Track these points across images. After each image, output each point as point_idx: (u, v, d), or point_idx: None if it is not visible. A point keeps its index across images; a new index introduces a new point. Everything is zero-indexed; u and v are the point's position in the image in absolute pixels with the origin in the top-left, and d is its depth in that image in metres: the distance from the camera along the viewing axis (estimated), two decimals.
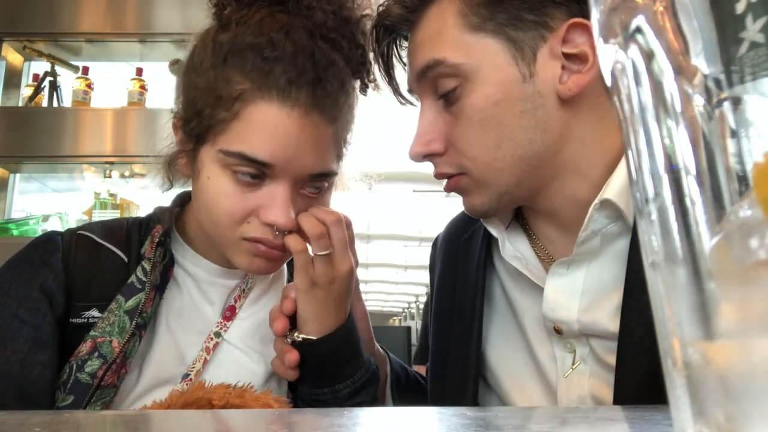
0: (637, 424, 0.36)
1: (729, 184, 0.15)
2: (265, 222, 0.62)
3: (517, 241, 0.68)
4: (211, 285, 0.73)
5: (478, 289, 0.69)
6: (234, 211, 0.62)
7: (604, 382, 0.59)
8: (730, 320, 0.15)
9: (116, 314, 0.65)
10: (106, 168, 2.31)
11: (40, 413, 0.37)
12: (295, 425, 0.34)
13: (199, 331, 0.70)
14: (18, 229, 2.08)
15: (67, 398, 0.61)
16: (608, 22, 0.18)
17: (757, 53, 0.14)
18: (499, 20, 0.57)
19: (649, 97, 0.17)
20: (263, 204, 0.62)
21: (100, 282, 0.67)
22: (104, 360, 0.62)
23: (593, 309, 0.60)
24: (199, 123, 0.62)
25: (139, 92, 2.30)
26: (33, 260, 0.67)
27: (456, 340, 0.70)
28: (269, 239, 0.63)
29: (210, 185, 0.63)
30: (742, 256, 0.14)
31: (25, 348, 0.62)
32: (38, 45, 2.33)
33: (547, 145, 0.58)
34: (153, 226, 0.72)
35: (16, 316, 0.63)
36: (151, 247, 0.69)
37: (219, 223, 0.64)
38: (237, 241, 0.64)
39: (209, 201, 0.64)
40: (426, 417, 0.40)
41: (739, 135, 0.15)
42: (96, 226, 0.73)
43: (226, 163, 0.61)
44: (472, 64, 0.57)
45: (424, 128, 0.62)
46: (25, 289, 0.64)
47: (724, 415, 0.14)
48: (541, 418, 0.39)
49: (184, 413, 0.54)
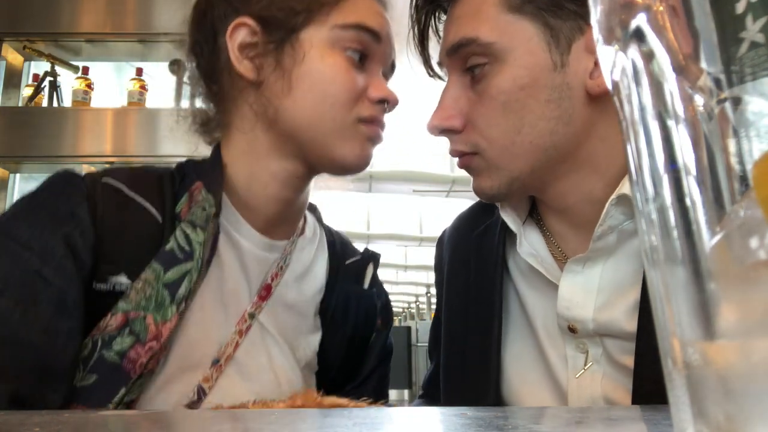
0: (637, 424, 0.36)
1: (729, 184, 0.15)
2: (378, 98, 0.65)
3: (532, 238, 0.67)
4: (253, 258, 0.66)
5: (497, 287, 0.67)
6: (352, 86, 0.63)
7: (617, 384, 0.58)
8: (730, 320, 0.15)
9: (153, 286, 0.57)
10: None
11: (40, 413, 0.37)
12: (296, 425, 0.34)
13: (233, 310, 0.64)
14: None
15: (89, 377, 0.54)
16: (608, 22, 0.18)
17: (757, 53, 0.14)
18: (539, 4, 0.56)
19: (649, 97, 0.17)
20: (370, 83, 0.65)
21: (131, 243, 0.59)
22: (137, 338, 0.55)
23: (609, 307, 0.59)
24: (295, 10, 0.63)
25: (139, 92, 2.30)
26: (55, 207, 0.57)
27: (473, 339, 0.69)
28: (381, 117, 0.66)
29: (324, 63, 0.63)
30: (742, 256, 0.14)
31: (48, 313, 0.53)
32: (38, 45, 2.33)
33: (568, 139, 0.57)
34: (190, 182, 0.64)
35: (39, 275, 0.53)
36: (189, 208, 0.62)
37: (336, 103, 0.62)
38: (352, 123, 0.64)
39: (326, 79, 0.62)
40: (426, 417, 0.40)
41: (739, 135, 0.15)
42: (122, 174, 0.63)
43: (340, 39, 0.63)
44: (504, 44, 0.57)
45: (445, 103, 0.62)
46: (47, 242, 0.55)
47: (724, 415, 0.14)
48: (541, 418, 0.39)
49: (181, 413, 0.54)
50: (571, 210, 0.63)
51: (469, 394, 0.68)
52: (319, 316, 0.74)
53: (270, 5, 0.63)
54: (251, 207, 0.67)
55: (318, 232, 0.78)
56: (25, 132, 2.19)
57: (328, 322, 0.74)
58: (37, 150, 2.20)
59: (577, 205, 0.62)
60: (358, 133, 0.64)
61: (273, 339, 0.67)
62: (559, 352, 0.64)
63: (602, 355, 0.60)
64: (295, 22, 0.63)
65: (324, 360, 0.74)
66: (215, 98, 0.69)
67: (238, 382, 0.63)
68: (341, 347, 0.75)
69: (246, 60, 0.64)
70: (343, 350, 0.75)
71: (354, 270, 0.78)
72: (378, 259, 0.81)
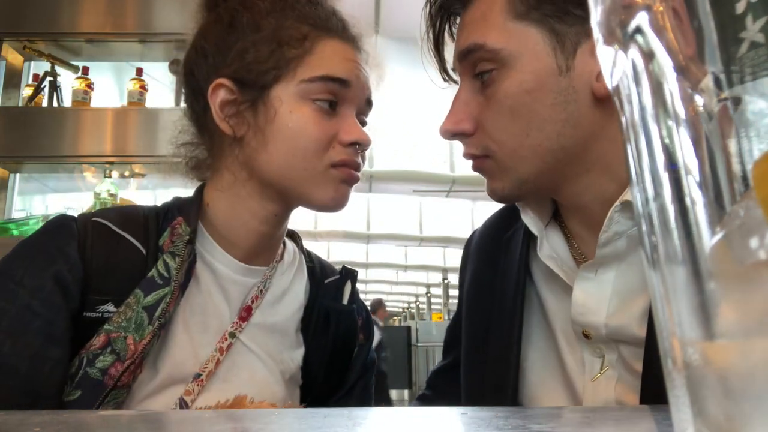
0: (638, 423, 0.36)
1: (729, 184, 0.15)
2: (349, 142, 0.68)
3: (555, 240, 0.68)
4: (231, 282, 0.72)
5: (519, 289, 0.68)
6: (321, 136, 0.67)
7: (631, 389, 0.59)
8: (730, 320, 0.15)
9: (134, 309, 0.63)
10: (106, 168, 2.31)
11: (40, 413, 0.37)
12: (295, 425, 0.34)
13: (214, 330, 0.69)
14: (18, 229, 2.08)
15: (74, 393, 0.60)
16: (608, 22, 0.18)
17: (757, 53, 0.14)
18: (545, 11, 0.57)
19: (649, 97, 0.17)
20: (341, 128, 0.68)
21: (118, 275, 0.65)
22: (117, 356, 0.60)
23: (621, 313, 0.59)
24: (263, 69, 0.67)
25: (139, 92, 2.30)
26: (47, 248, 0.64)
27: (493, 341, 0.70)
28: (354, 159, 0.69)
29: (293, 117, 0.67)
30: (742, 256, 0.14)
31: (36, 343, 0.58)
32: (38, 45, 2.33)
33: (576, 141, 0.58)
34: (172, 217, 0.70)
35: (29, 308, 0.59)
36: (171, 241, 0.68)
37: (306, 153, 0.66)
38: (324, 170, 0.67)
39: (295, 133, 0.66)
40: (426, 417, 0.40)
41: (739, 135, 0.15)
42: (111, 213, 0.70)
43: (307, 92, 0.67)
44: (511, 50, 0.58)
45: (457, 107, 0.63)
46: (38, 279, 0.61)
47: (724, 415, 0.14)
48: (541, 417, 0.39)
49: (180, 414, 0.54)
50: (586, 210, 0.63)
51: (488, 395, 0.69)
52: (301, 333, 0.79)
53: (242, 66, 0.68)
54: (230, 239, 0.72)
55: (297, 258, 0.83)
56: (25, 132, 2.19)
57: (310, 338, 0.79)
58: (37, 150, 2.20)
59: (591, 205, 0.62)
60: (331, 178, 0.68)
61: (255, 356, 0.71)
62: (576, 356, 0.64)
63: (617, 360, 0.61)
64: (265, 80, 0.67)
65: (308, 374, 0.78)
66: (205, 146, 0.75)
67: (219, 395, 0.66)
68: (324, 361, 0.79)
69: (226, 118, 0.69)
70: (326, 364, 0.79)
71: (333, 288, 0.83)
72: (356, 276, 0.86)
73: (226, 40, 0.69)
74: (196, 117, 0.74)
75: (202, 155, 0.75)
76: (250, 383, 0.70)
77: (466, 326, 0.78)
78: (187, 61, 0.74)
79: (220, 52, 0.70)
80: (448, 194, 7.14)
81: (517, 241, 0.73)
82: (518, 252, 0.71)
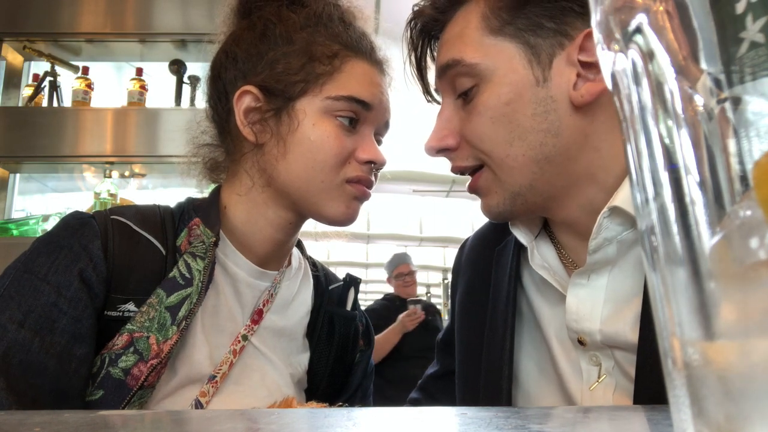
0: (637, 423, 0.36)
1: (729, 184, 0.15)
2: (365, 160, 0.70)
3: (545, 250, 0.68)
4: (246, 286, 0.73)
5: (510, 300, 0.69)
6: (340, 151, 0.69)
7: (629, 396, 0.58)
8: (730, 320, 0.15)
9: (156, 309, 0.63)
10: (106, 168, 2.31)
11: (40, 413, 0.37)
12: (296, 425, 0.34)
13: (229, 332, 0.70)
14: (18, 229, 2.08)
15: (96, 392, 0.59)
16: (608, 23, 0.18)
17: (757, 53, 0.14)
18: (519, 25, 0.59)
19: (649, 97, 0.17)
20: (359, 145, 0.71)
21: (138, 274, 0.65)
22: (140, 356, 0.61)
23: (615, 319, 0.59)
24: (292, 81, 0.69)
25: (139, 92, 2.30)
26: (71, 245, 0.63)
27: (487, 351, 0.70)
28: (368, 177, 0.71)
29: (315, 131, 0.68)
30: (742, 256, 0.14)
31: (63, 341, 0.58)
32: (38, 45, 2.33)
33: (559, 150, 0.58)
34: (189, 218, 0.71)
35: (55, 306, 0.59)
36: (188, 241, 0.68)
37: (325, 166, 0.68)
38: (339, 184, 0.69)
39: (316, 146, 0.68)
40: (426, 417, 0.40)
41: (739, 135, 0.15)
42: (129, 212, 0.70)
43: (331, 108, 0.69)
44: (488, 65, 0.59)
45: (440, 124, 0.65)
46: (64, 276, 0.61)
47: (724, 415, 0.14)
48: (541, 417, 0.39)
49: (181, 414, 0.54)
50: (576, 223, 0.64)
51: (483, 404, 0.69)
52: (307, 338, 0.81)
53: (271, 75, 0.70)
54: (247, 245, 0.73)
55: (303, 264, 0.85)
56: (25, 132, 2.19)
57: (315, 342, 0.81)
58: (37, 150, 2.20)
59: (581, 218, 0.62)
60: (344, 193, 0.70)
61: (266, 358, 0.73)
62: (572, 364, 0.64)
63: (614, 367, 0.61)
64: (292, 92, 0.69)
65: (312, 378, 0.80)
66: (225, 149, 0.76)
67: (233, 397, 0.68)
68: (328, 366, 0.81)
69: (249, 124, 0.71)
70: (330, 368, 0.81)
71: (337, 295, 0.86)
72: (359, 283, 0.88)
73: (258, 49, 0.71)
74: (219, 120, 0.75)
75: (220, 157, 0.77)
76: (261, 386, 0.71)
77: (459, 338, 0.79)
78: (216, 64, 0.75)
79: (251, 59, 0.71)
80: (448, 194, 7.14)
81: (508, 252, 0.73)
82: (508, 263, 0.72)
